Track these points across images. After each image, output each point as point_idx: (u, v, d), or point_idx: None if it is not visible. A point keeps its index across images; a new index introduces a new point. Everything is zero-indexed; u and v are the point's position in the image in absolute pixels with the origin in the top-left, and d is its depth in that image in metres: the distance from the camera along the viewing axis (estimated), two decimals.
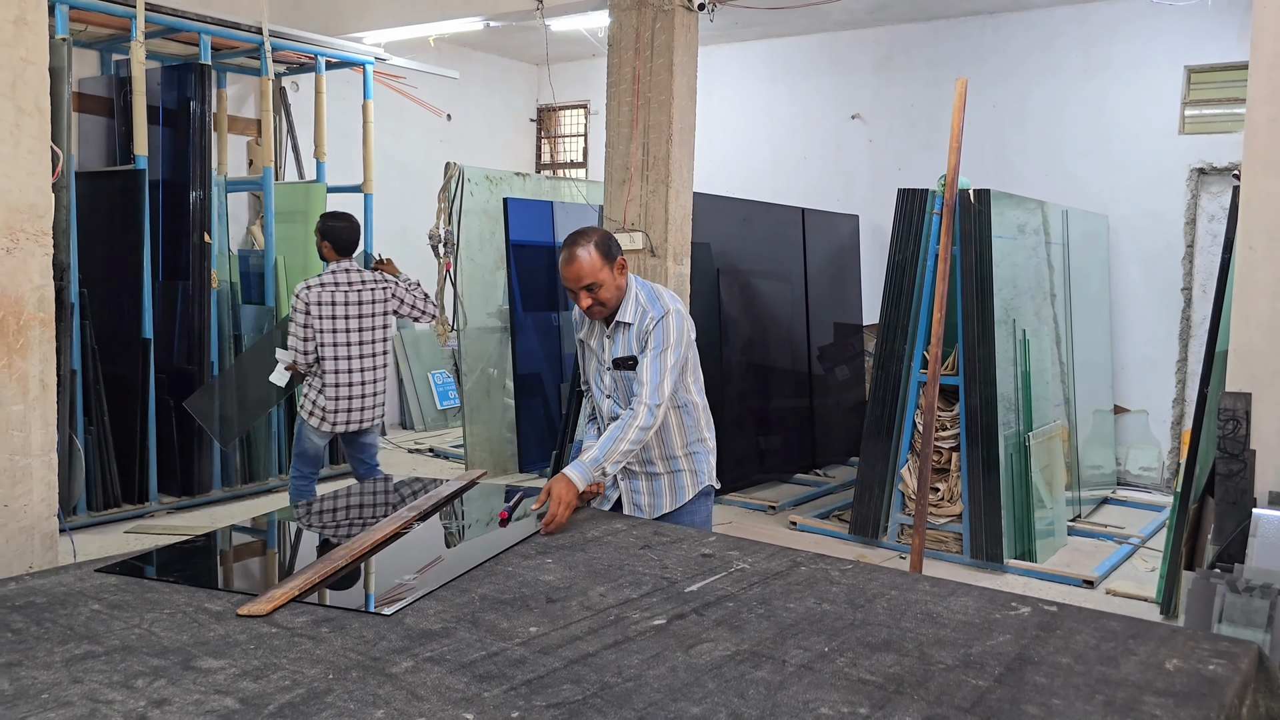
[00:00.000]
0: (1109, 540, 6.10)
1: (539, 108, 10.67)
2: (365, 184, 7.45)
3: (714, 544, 2.75)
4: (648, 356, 3.07)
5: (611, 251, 3.11)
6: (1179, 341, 7.30)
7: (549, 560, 2.58)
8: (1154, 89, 7.26)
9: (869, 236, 8.53)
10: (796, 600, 2.29)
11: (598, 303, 3.12)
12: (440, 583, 2.35)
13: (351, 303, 4.94)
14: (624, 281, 3.15)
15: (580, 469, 2.97)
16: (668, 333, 3.08)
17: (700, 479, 3.29)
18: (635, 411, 3.03)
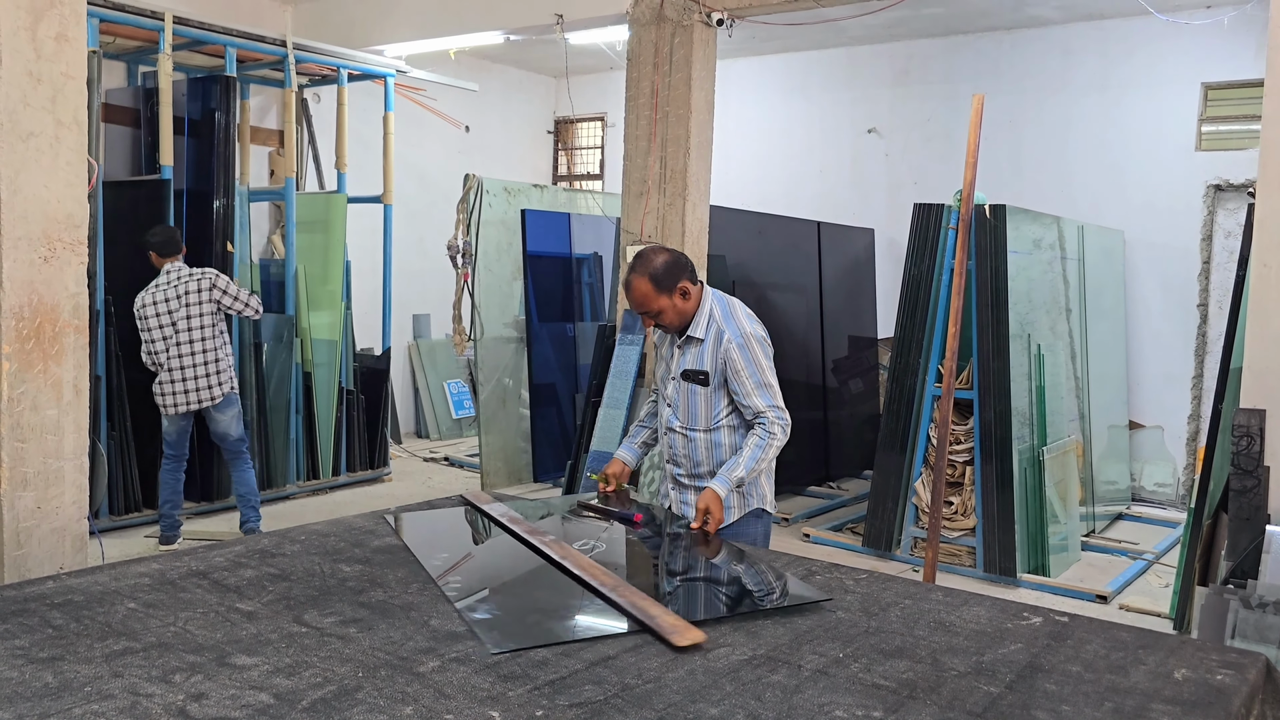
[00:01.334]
0: (1123, 556, 6.11)
1: (556, 120, 10.76)
2: (385, 194, 7.54)
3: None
4: (749, 382, 3.11)
5: (666, 282, 3.09)
6: (1194, 357, 7.32)
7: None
8: (1171, 105, 7.29)
9: (884, 250, 8.57)
10: (812, 607, 2.33)
11: (661, 325, 3.19)
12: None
13: (172, 297, 5.56)
14: (689, 304, 3.14)
15: (725, 483, 3.06)
16: (755, 355, 3.13)
17: (749, 501, 3.22)
18: (771, 431, 3.10)
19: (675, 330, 3.20)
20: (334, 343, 7.14)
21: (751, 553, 2.87)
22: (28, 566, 3.04)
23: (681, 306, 3.13)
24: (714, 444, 3.22)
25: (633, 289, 3.12)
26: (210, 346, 5.59)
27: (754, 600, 2.55)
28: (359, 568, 2.55)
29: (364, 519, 3.06)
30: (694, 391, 3.18)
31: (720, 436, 3.21)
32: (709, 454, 3.22)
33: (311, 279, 7.08)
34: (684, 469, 3.29)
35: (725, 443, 3.21)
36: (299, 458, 6.99)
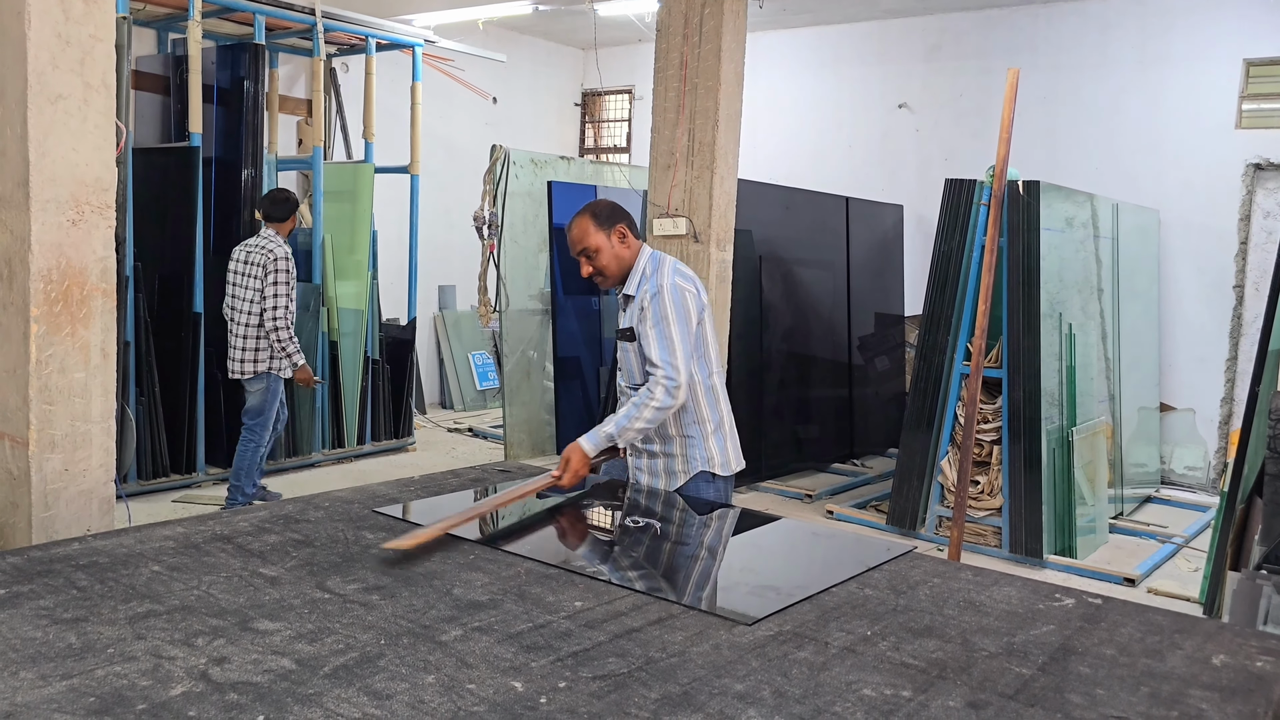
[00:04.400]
0: (1151, 539, 6.04)
1: (584, 92, 10.69)
2: (412, 165, 7.52)
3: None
4: (650, 336, 3.02)
5: (605, 216, 3.13)
6: (1229, 340, 7.20)
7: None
8: (1211, 82, 7.14)
9: (913, 227, 8.47)
10: (838, 585, 2.30)
11: (597, 271, 3.15)
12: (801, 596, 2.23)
13: (244, 260, 5.65)
14: (626, 252, 3.13)
15: (594, 439, 3.02)
16: (664, 308, 3.02)
17: (693, 464, 3.14)
18: (652, 391, 3.00)
19: (610, 286, 3.20)
20: (360, 312, 7.14)
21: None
22: (55, 529, 3.06)
23: (619, 250, 3.12)
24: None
25: (573, 227, 3.16)
26: (246, 321, 5.59)
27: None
28: (382, 535, 2.54)
29: (388, 487, 3.05)
30: (627, 350, 3.17)
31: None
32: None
33: (338, 248, 7.07)
34: None
35: None
36: (324, 426, 7.02)
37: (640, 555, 2.56)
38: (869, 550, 2.62)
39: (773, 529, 2.95)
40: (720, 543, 2.80)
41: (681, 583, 2.35)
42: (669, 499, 3.08)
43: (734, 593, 2.29)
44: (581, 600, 2.13)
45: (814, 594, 2.22)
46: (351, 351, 7.14)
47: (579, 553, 2.58)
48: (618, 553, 2.58)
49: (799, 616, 2.10)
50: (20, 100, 2.95)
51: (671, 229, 6.11)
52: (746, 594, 2.28)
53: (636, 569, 2.43)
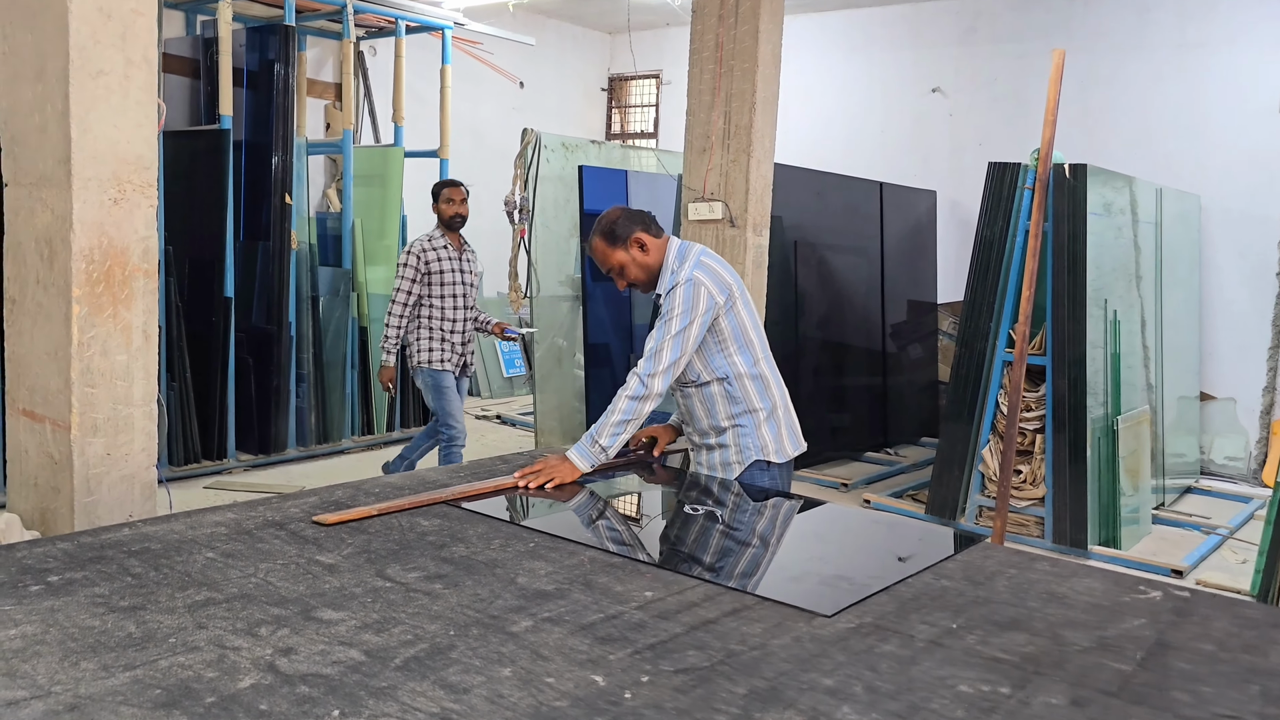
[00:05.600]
0: (1195, 530, 5.93)
1: (610, 77, 10.59)
2: (441, 149, 7.45)
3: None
4: (654, 326, 2.99)
5: (617, 233, 3.03)
6: (1272, 328, 7.07)
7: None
8: (1253, 65, 6.99)
9: (947, 213, 8.35)
10: (913, 576, 2.22)
11: (630, 282, 3.08)
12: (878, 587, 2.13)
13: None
14: (650, 258, 3.04)
15: (579, 450, 2.90)
16: (674, 301, 2.93)
17: (746, 454, 3.06)
18: (627, 381, 2.93)
19: (649, 289, 3.08)
20: (388, 298, 7.07)
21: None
22: (97, 514, 3.01)
23: (642, 260, 3.02)
24: (707, 398, 3.08)
25: (592, 249, 3.08)
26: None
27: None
28: (437, 522, 2.47)
29: (438, 473, 2.98)
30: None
31: (711, 390, 3.06)
32: (706, 410, 3.09)
33: (368, 233, 7.01)
34: (691, 426, 3.20)
35: (715, 393, 3.05)
36: (354, 413, 6.97)
37: (703, 543, 2.48)
38: (937, 539, 2.54)
39: (833, 518, 2.88)
40: (783, 531, 2.72)
41: (752, 572, 2.27)
42: (724, 484, 3.00)
43: (806, 583, 2.21)
44: (651, 590, 2.05)
45: (889, 585, 2.14)
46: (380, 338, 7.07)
47: (640, 540, 2.50)
48: (680, 540, 2.50)
49: (877, 608, 2.02)
50: (61, 76, 2.89)
51: (707, 214, 6.02)
52: (819, 584, 2.20)
53: (702, 557, 2.36)
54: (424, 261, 5.38)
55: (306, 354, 6.64)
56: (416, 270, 5.38)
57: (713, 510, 2.72)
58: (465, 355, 5.56)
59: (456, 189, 5.51)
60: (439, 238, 5.45)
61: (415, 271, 5.38)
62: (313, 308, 6.68)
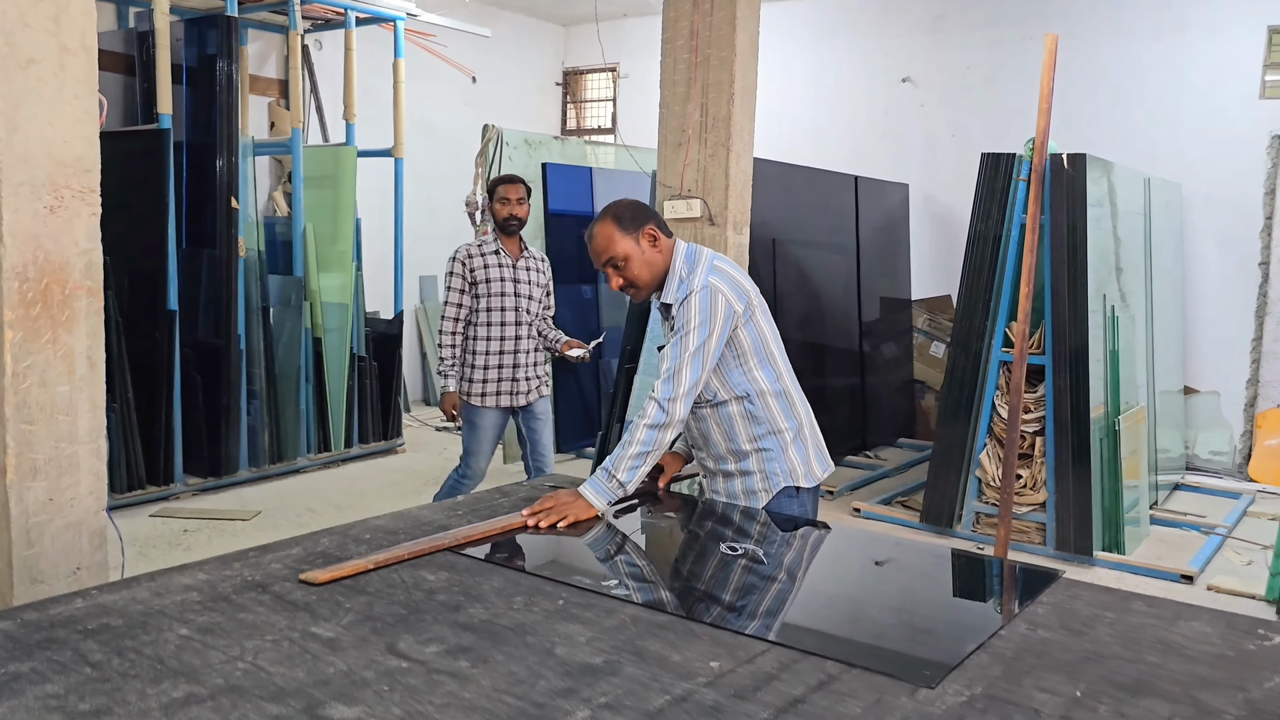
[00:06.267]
0: (1194, 530, 5.77)
1: (565, 71, 10.24)
2: (396, 148, 7.07)
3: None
4: (669, 343, 2.66)
5: (629, 219, 2.69)
6: (1255, 319, 6.96)
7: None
8: (1233, 51, 6.88)
9: (919, 206, 8.15)
10: (1003, 627, 1.94)
11: (629, 282, 2.73)
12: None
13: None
14: (658, 256, 2.71)
15: (594, 485, 2.57)
16: (689, 313, 2.61)
17: (774, 480, 2.76)
18: (644, 408, 2.62)
19: (647, 293, 2.75)
20: (345, 306, 6.69)
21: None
22: (40, 568, 2.62)
23: (650, 256, 2.69)
24: (725, 419, 2.76)
25: (595, 236, 2.71)
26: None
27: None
28: (444, 575, 2.14)
29: (432, 512, 2.64)
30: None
31: (730, 410, 2.75)
32: (722, 432, 2.78)
33: (320, 238, 6.60)
34: (704, 451, 2.86)
35: (734, 413, 2.75)
36: (310, 429, 6.57)
37: (755, 591, 2.18)
38: (1008, 576, 2.27)
39: (882, 551, 2.61)
40: (836, 571, 2.44)
41: (822, 628, 1.97)
42: (748, 513, 2.71)
43: (890, 641, 1.92)
44: (715, 659, 1.74)
45: (983, 641, 1.85)
46: (337, 348, 6.69)
47: (682, 591, 2.19)
48: (725, 588, 2.20)
49: (979, 671, 1.73)
50: None
51: (685, 211, 5.72)
52: (905, 642, 1.91)
53: (758, 611, 2.06)
54: (469, 269, 4.65)
55: (258, 368, 6.22)
56: (463, 279, 4.65)
57: (754, 549, 2.41)
58: (524, 387, 4.72)
59: (513, 186, 4.73)
60: (490, 242, 4.72)
61: (462, 280, 4.65)
62: (263, 319, 6.26)
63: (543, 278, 4.84)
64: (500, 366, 4.66)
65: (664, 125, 5.87)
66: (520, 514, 2.53)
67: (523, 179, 4.79)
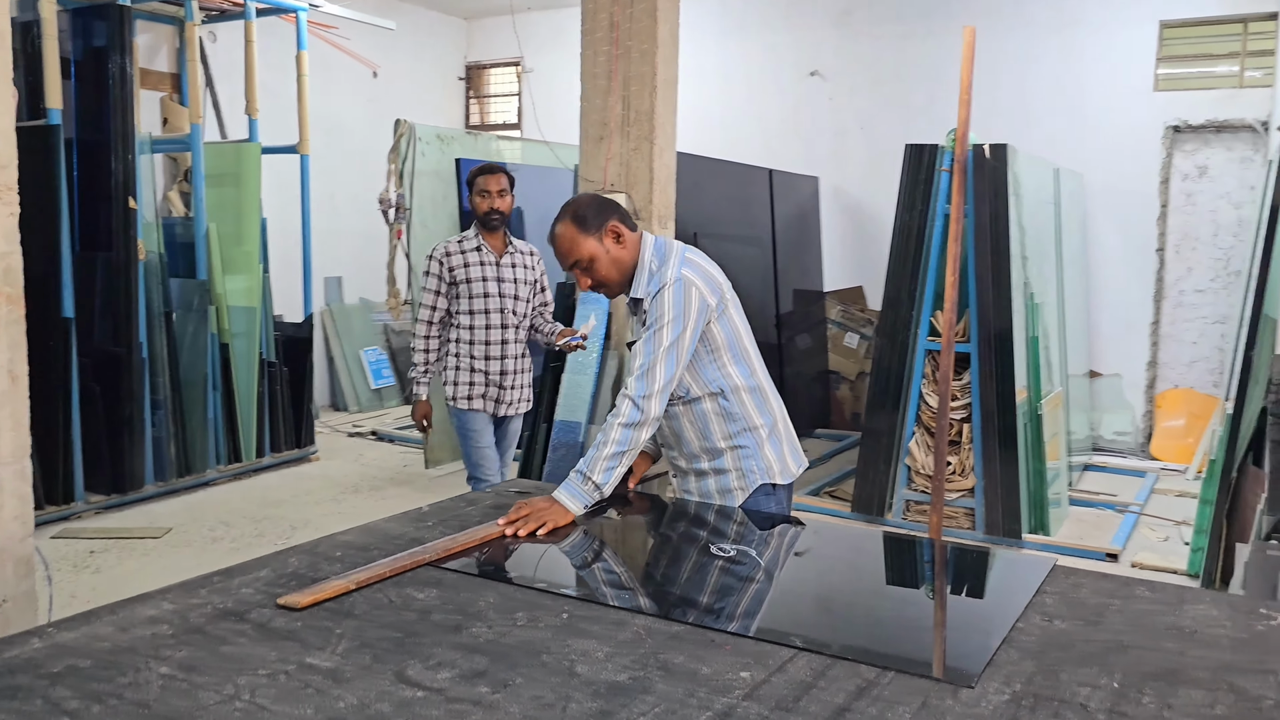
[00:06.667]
0: (1109, 509, 5.96)
1: (468, 65, 10.03)
2: (300, 144, 6.80)
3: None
4: (641, 339, 2.57)
5: (588, 218, 2.58)
6: (1153, 303, 7.23)
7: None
8: (1128, 44, 7.12)
9: (829, 199, 8.23)
10: (1018, 619, 1.92)
11: (599, 282, 2.63)
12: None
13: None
14: (625, 253, 2.60)
15: (569, 489, 2.47)
16: (663, 307, 2.52)
17: (750, 478, 2.69)
18: (618, 406, 2.53)
19: (618, 291, 2.66)
20: (253, 310, 6.39)
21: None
22: None
23: (616, 253, 2.59)
24: (699, 416, 2.67)
25: (557, 238, 2.60)
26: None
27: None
28: (433, 592, 2.01)
29: (396, 523, 2.49)
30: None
31: (703, 407, 2.66)
32: (696, 430, 2.69)
33: (224, 239, 6.29)
34: (676, 450, 2.78)
35: (708, 410, 2.67)
36: (219, 439, 6.25)
37: (757, 593, 2.11)
38: (1004, 565, 2.26)
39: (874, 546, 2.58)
40: (830, 570, 2.39)
41: (842, 628, 1.91)
42: (723, 512, 2.64)
43: (917, 641, 1.87)
44: (745, 668, 1.67)
45: (1006, 634, 1.82)
46: (245, 354, 6.38)
47: (686, 598, 2.10)
48: (731, 592, 2.12)
49: (1011, 667, 1.69)
50: None
51: None
52: (925, 638, 1.87)
53: (770, 615, 1.99)
54: (447, 268, 4.31)
55: (161, 377, 5.89)
56: (439, 279, 4.32)
57: (744, 549, 2.34)
58: (509, 396, 4.41)
59: (493, 176, 4.34)
60: (472, 238, 4.36)
61: (438, 281, 4.33)
62: (166, 325, 5.93)
63: (531, 273, 4.49)
64: (486, 372, 4.34)
65: (585, 119, 5.77)
66: (496, 523, 2.41)
67: (504, 168, 4.40)
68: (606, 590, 2.07)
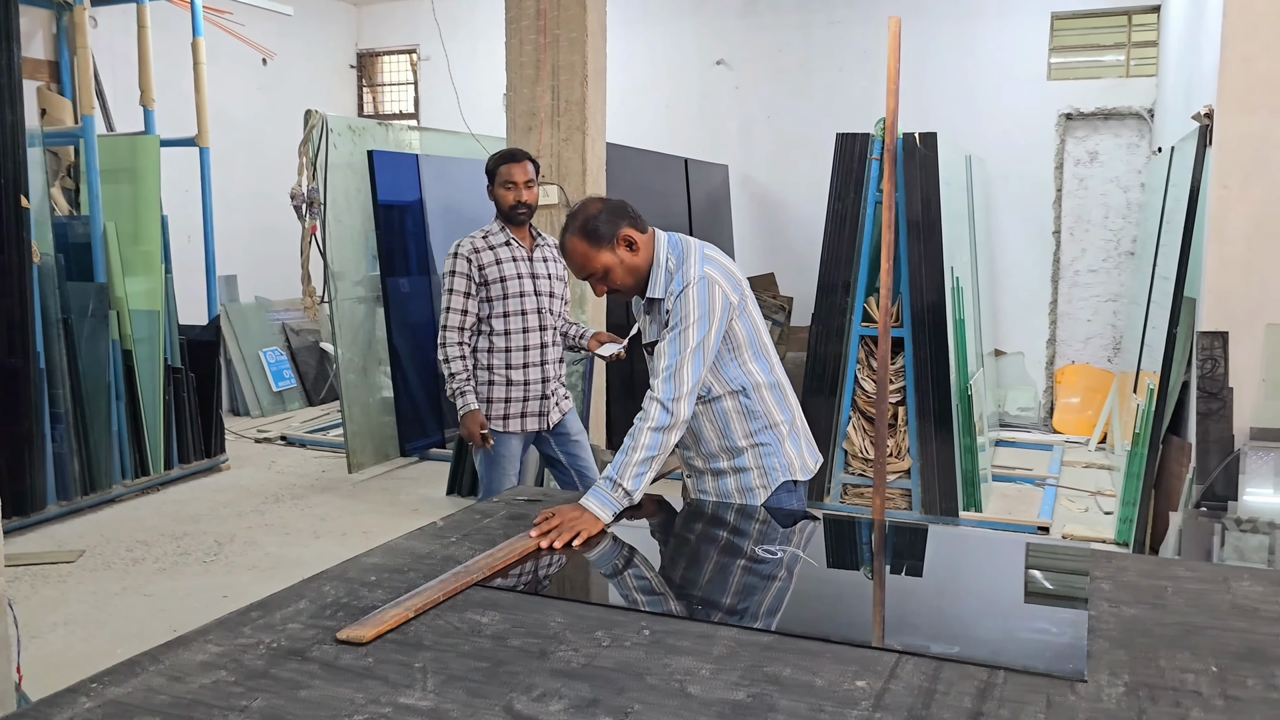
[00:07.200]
0: (1028, 483, 6.20)
1: (359, 53, 9.69)
2: (200, 136, 6.46)
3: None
4: (665, 339, 2.51)
5: (600, 230, 2.51)
6: (1051, 284, 7.54)
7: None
8: (1023, 34, 7.40)
9: (739, 187, 8.29)
10: (1087, 608, 1.95)
11: (613, 288, 2.58)
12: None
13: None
14: (639, 259, 2.55)
15: (598, 496, 2.40)
16: (688, 307, 2.47)
17: (773, 476, 2.67)
18: (646, 409, 2.49)
19: (633, 294, 2.62)
20: (155, 314, 6.03)
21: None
22: None
23: (631, 261, 2.54)
24: (719, 415, 2.65)
25: (569, 253, 2.55)
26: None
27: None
28: (495, 615, 1.91)
29: (419, 541, 2.37)
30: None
31: (724, 405, 2.64)
32: (716, 429, 2.66)
33: (123, 238, 5.91)
34: (693, 450, 2.74)
35: (729, 408, 2.64)
36: (124, 453, 5.89)
37: (826, 597, 2.09)
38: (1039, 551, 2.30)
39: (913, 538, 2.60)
40: (882, 564, 2.40)
41: (930, 630, 1.90)
42: (744, 511, 2.62)
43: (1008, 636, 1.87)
44: (859, 677, 1.64)
45: (1087, 625, 1.85)
46: (149, 361, 6.02)
47: (757, 604, 2.05)
48: (799, 598, 2.09)
49: (1109, 658, 1.72)
50: None
51: (541, 199, 5.51)
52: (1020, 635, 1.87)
53: (847, 617, 1.97)
54: (476, 267, 3.79)
55: (61, 388, 5.50)
56: (469, 280, 3.77)
57: (792, 550, 2.32)
58: (551, 402, 3.88)
59: (519, 165, 3.81)
60: (498, 232, 3.84)
61: (468, 282, 3.77)
62: (64, 332, 5.54)
63: (560, 267, 3.98)
64: (526, 383, 3.81)
65: (512, 109, 5.65)
66: (529, 535, 2.32)
67: (530, 155, 3.92)
68: (676, 603, 2.01)
